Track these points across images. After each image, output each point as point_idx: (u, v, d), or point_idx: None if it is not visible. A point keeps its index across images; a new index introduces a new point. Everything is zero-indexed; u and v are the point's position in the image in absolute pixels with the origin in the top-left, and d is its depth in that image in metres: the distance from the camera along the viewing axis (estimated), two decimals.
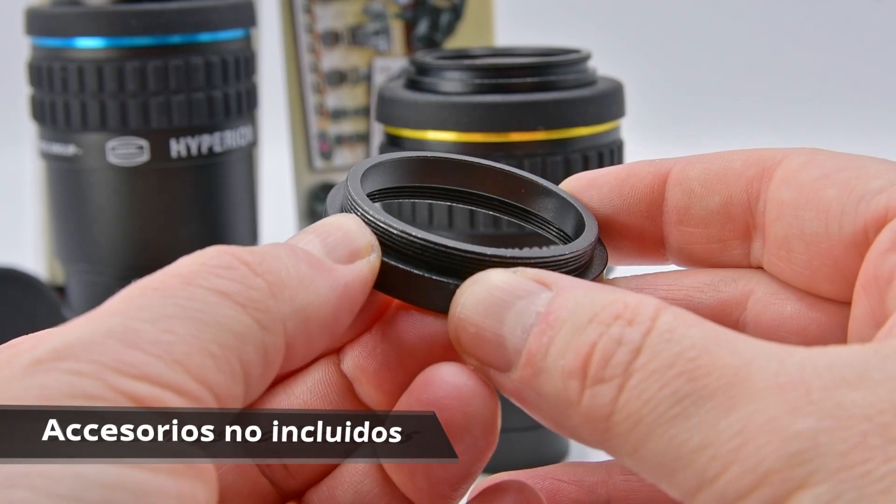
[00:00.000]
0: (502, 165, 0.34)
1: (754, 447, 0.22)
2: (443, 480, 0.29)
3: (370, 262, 0.28)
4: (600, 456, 0.34)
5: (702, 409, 0.23)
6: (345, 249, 0.28)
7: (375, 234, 0.29)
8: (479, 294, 0.27)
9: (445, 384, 0.28)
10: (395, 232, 0.29)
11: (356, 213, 0.30)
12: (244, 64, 0.63)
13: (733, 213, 0.31)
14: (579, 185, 0.32)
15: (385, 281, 0.29)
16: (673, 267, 0.33)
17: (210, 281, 0.25)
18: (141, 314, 0.24)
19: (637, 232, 0.32)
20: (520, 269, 0.27)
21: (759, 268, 0.31)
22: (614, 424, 0.24)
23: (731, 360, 0.23)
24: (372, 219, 0.29)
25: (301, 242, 0.28)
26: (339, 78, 0.75)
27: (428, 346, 0.30)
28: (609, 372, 0.24)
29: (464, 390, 0.27)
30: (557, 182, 0.33)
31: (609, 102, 0.52)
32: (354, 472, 0.31)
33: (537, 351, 0.25)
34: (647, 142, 0.84)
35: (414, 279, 0.29)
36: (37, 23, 0.61)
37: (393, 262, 0.29)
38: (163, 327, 0.24)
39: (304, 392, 0.31)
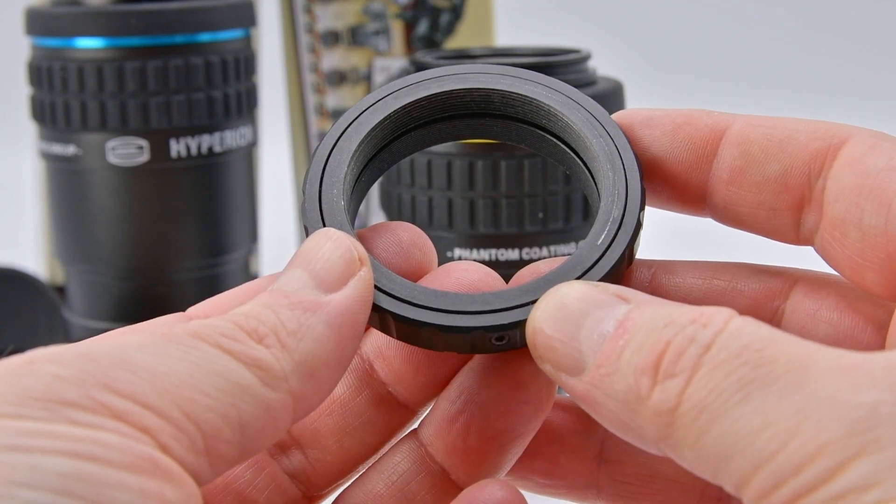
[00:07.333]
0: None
1: (814, 421, 0.22)
2: (499, 433, 0.30)
3: (362, 277, 0.28)
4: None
5: (765, 392, 0.23)
6: (333, 274, 0.28)
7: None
8: (559, 303, 0.27)
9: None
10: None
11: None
12: (244, 64, 0.63)
13: (791, 183, 0.30)
14: (632, 121, 0.32)
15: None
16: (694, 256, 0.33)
17: (216, 339, 0.25)
18: (144, 348, 0.24)
19: (682, 181, 0.32)
20: (601, 283, 0.27)
21: (805, 252, 0.31)
22: (679, 416, 0.24)
23: (797, 350, 0.23)
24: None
25: (289, 281, 0.27)
26: (339, 78, 0.75)
27: None
28: (680, 367, 0.24)
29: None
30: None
31: (609, 102, 0.52)
32: (389, 456, 0.31)
33: (612, 353, 0.25)
34: None
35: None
36: (37, 23, 0.61)
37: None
38: (161, 362, 0.24)
39: None
